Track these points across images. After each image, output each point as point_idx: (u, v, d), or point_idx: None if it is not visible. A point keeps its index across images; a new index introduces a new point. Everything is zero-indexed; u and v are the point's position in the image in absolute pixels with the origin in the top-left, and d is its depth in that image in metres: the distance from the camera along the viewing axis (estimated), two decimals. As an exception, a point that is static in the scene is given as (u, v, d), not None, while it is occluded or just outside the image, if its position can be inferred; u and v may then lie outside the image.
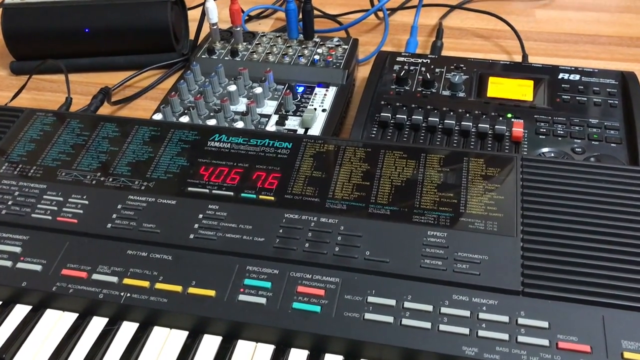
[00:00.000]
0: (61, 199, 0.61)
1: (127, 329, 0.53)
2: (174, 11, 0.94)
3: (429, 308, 0.51)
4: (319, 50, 0.88)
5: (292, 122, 0.77)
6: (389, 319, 0.50)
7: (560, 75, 0.81)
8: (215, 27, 0.90)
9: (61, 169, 0.64)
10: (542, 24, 1.05)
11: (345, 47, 0.89)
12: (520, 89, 0.79)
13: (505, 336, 0.49)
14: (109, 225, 0.58)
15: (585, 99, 0.77)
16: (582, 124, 0.73)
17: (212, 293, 0.53)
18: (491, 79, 0.81)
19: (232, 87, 0.80)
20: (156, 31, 0.93)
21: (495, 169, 0.60)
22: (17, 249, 0.57)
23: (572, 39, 1.01)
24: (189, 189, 0.61)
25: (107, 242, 0.57)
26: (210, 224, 0.57)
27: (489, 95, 0.78)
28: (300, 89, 0.83)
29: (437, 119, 0.74)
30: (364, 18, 0.98)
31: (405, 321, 0.50)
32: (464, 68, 0.83)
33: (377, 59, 0.86)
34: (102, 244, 0.57)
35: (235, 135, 0.66)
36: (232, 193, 0.60)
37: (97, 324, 0.53)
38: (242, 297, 0.52)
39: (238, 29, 0.90)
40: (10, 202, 0.61)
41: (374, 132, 0.74)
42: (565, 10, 1.09)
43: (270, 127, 0.76)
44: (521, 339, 0.48)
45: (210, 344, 0.51)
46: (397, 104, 0.77)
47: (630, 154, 0.69)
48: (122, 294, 0.53)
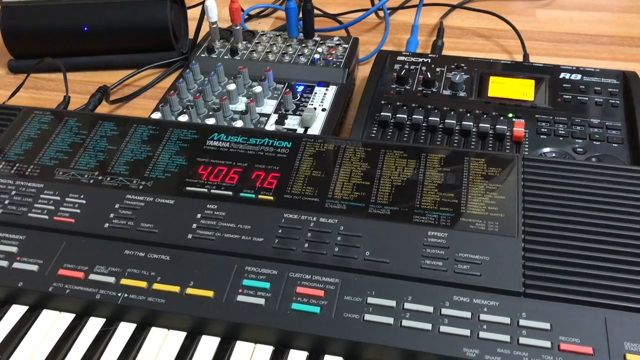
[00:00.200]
0: (58, 198, 0.60)
1: (125, 330, 0.52)
2: (173, 10, 0.94)
3: (430, 309, 0.50)
4: (319, 50, 0.88)
5: (291, 122, 0.76)
6: (389, 320, 0.50)
7: (562, 75, 0.80)
8: (214, 25, 0.89)
9: (59, 168, 0.63)
10: (543, 24, 1.05)
11: (346, 46, 0.88)
12: (521, 89, 0.78)
13: (506, 338, 0.48)
14: (107, 225, 0.58)
15: (586, 98, 0.76)
16: (584, 123, 0.73)
17: (210, 294, 0.52)
18: (492, 78, 0.80)
19: (232, 86, 0.80)
20: (155, 30, 0.92)
21: (496, 169, 0.60)
22: (14, 249, 0.57)
23: (573, 38, 1.01)
24: (188, 188, 0.60)
25: (104, 242, 0.57)
26: (209, 223, 0.57)
27: (489, 94, 0.78)
28: (300, 88, 0.82)
29: (438, 119, 0.73)
30: (365, 17, 0.98)
31: (405, 322, 0.50)
32: (465, 67, 0.82)
33: (378, 58, 0.85)
34: (99, 244, 0.56)
35: (235, 134, 0.66)
36: (230, 193, 0.60)
37: (94, 324, 0.53)
38: (241, 298, 0.52)
39: (238, 27, 0.89)
40: (6, 201, 0.60)
41: (374, 131, 0.74)
42: (567, 10, 1.09)
43: (270, 127, 0.76)
44: (523, 340, 0.48)
45: (208, 345, 0.51)
46: (398, 103, 0.77)
47: (632, 154, 0.69)
48: (120, 294, 0.53)
